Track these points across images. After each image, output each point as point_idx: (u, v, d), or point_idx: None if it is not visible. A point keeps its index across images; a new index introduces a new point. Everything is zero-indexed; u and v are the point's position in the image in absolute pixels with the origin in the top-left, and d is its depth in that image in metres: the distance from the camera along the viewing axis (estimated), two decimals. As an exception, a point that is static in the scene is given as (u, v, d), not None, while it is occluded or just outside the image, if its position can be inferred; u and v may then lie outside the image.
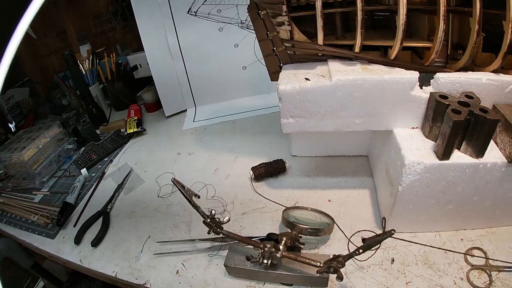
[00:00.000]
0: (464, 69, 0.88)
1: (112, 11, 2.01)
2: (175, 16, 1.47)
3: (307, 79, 0.87)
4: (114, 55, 1.81)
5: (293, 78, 0.89)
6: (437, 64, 0.93)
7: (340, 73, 0.85)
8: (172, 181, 0.86)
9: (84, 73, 1.82)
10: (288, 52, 0.98)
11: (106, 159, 1.49)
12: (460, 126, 0.75)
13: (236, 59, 1.50)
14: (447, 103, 0.79)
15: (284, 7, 0.86)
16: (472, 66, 0.92)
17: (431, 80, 0.86)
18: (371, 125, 0.89)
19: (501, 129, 0.83)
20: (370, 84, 0.82)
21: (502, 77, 0.84)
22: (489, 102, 0.86)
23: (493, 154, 0.80)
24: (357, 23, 0.83)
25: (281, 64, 1.01)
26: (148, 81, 1.75)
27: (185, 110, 1.65)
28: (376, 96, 0.84)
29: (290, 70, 0.95)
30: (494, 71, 0.86)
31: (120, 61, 1.84)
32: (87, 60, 1.86)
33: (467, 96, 0.82)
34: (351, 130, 0.90)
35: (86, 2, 2.06)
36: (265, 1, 0.87)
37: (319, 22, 0.85)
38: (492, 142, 0.84)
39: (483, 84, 0.84)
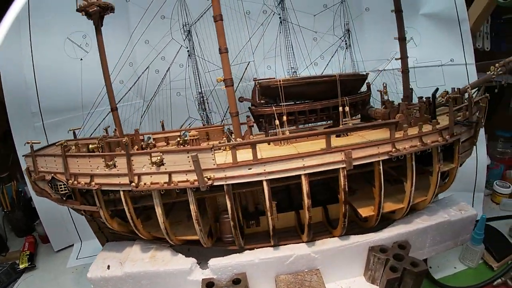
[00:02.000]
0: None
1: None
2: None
3: (108, 267, 1.09)
4: (15, 182, 1.99)
5: (101, 264, 1.11)
6: (227, 239, 1.16)
7: (131, 263, 1.08)
8: None
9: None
10: (110, 231, 1.21)
11: (1, 295, 1.63)
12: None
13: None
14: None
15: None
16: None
17: (208, 264, 1.07)
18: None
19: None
20: (151, 275, 1.05)
21: (281, 251, 1.06)
22: (272, 274, 1.07)
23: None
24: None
25: (107, 240, 1.24)
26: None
27: (73, 245, 1.79)
28: (159, 283, 1.06)
29: (105, 252, 1.18)
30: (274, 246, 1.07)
31: (20, 189, 2.01)
32: (-9, 184, 2.03)
33: (235, 281, 1.02)
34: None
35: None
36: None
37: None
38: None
39: (258, 263, 1.04)
